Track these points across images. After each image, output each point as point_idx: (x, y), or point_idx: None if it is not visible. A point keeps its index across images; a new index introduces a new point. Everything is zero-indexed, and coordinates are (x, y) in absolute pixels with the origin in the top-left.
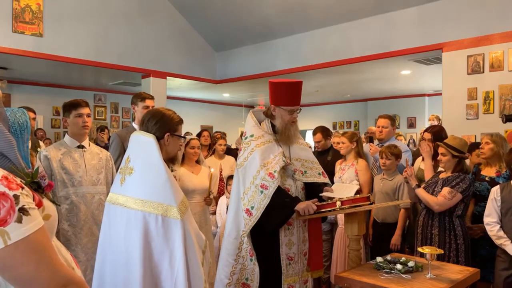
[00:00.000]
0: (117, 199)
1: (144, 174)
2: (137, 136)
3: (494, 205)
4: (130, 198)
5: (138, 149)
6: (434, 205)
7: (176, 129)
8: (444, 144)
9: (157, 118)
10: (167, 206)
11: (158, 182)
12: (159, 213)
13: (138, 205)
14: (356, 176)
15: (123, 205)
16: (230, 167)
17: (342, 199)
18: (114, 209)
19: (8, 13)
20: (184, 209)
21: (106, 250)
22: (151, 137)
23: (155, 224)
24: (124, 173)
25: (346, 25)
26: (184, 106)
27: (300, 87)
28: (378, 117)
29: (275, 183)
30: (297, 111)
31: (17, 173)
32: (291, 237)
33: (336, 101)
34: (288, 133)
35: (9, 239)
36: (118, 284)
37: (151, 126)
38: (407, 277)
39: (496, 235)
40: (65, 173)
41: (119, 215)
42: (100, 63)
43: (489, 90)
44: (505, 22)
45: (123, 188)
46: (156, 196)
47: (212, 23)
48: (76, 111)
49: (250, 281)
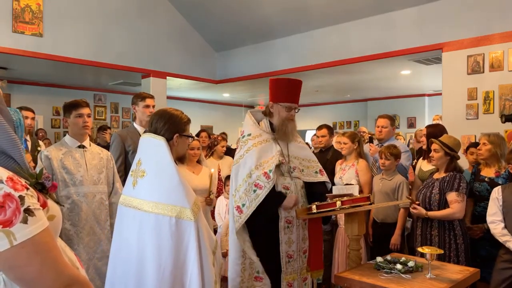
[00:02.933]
0: (130, 201)
1: (157, 176)
2: (147, 139)
3: (496, 204)
4: (143, 201)
5: (149, 152)
6: (454, 215)
7: (184, 129)
8: (438, 141)
9: (165, 119)
10: (181, 208)
11: (171, 185)
12: (173, 215)
13: (152, 207)
14: (357, 177)
15: (137, 207)
16: (228, 167)
17: (342, 199)
18: (127, 212)
19: (8, 13)
20: (197, 210)
21: (119, 252)
22: (161, 140)
23: (169, 226)
24: (136, 176)
25: (346, 25)
26: (184, 106)
27: (300, 86)
28: (377, 117)
29: (270, 184)
30: (295, 109)
31: (21, 174)
32: (290, 235)
33: (336, 101)
34: (285, 129)
35: (14, 240)
36: (129, 286)
37: (160, 127)
38: (407, 277)
39: (501, 233)
40: (66, 172)
41: (132, 218)
42: (100, 63)
43: (489, 90)
44: (505, 22)
45: (135, 191)
46: (169, 199)
47: (212, 23)
48: (77, 111)
49: (262, 273)
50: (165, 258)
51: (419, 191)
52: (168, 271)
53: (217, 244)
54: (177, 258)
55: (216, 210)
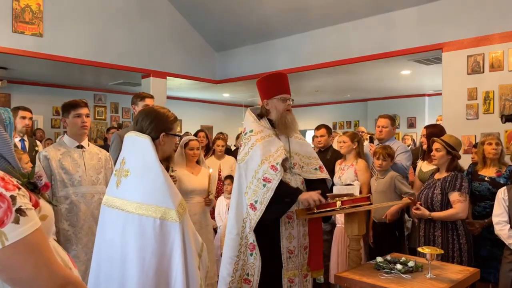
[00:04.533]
0: (113, 201)
1: (141, 176)
2: (132, 137)
3: (503, 205)
4: (126, 201)
5: (133, 151)
6: (457, 215)
7: (171, 128)
8: (441, 140)
9: (151, 117)
10: (165, 209)
11: (155, 185)
12: (157, 217)
13: (135, 208)
14: (356, 176)
15: (120, 208)
16: (229, 167)
17: (342, 199)
18: (110, 212)
19: (8, 13)
20: (182, 211)
21: (101, 253)
22: (146, 138)
23: (153, 227)
24: (119, 176)
25: (346, 25)
26: (184, 106)
27: (286, 78)
28: (378, 117)
29: (278, 176)
30: (290, 100)
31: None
32: (291, 231)
33: (336, 101)
34: (284, 120)
35: (6, 240)
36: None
37: (146, 125)
38: (407, 277)
39: (507, 234)
40: (65, 173)
41: (115, 218)
42: (100, 63)
43: (489, 90)
44: (505, 22)
45: (119, 190)
46: (153, 199)
47: (212, 23)
48: (75, 111)
49: (251, 276)
50: (148, 260)
51: (421, 192)
52: (151, 273)
53: (203, 247)
54: (161, 261)
55: (216, 211)
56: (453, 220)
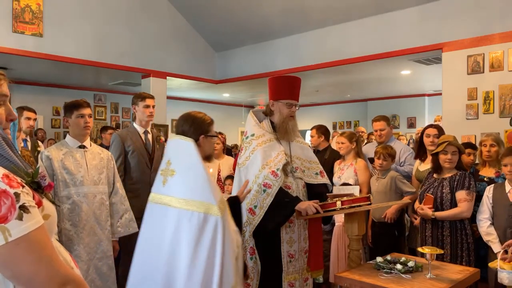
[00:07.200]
0: (161, 198)
1: (186, 175)
2: (176, 140)
3: (487, 202)
4: (173, 198)
5: (178, 152)
6: (462, 214)
7: (209, 130)
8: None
9: (189, 122)
10: (208, 204)
11: (199, 182)
12: (201, 211)
13: (181, 204)
14: (355, 176)
15: (167, 204)
16: (229, 167)
17: (342, 199)
18: (158, 208)
19: (8, 13)
20: (223, 207)
21: (147, 247)
22: (190, 141)
23: (197, 221)
24: (165, 175)
25: (345, 25)
26: (184, 106)
27: (299, 84)
28: (372, 121)
29: (279, 182)
30: (296, 106)
31: (17, 173)
32: (292, 235)
33: (336, 101)
34: (286, 126)
35: (9, 236)
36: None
37: (187, 130)
38: (407, 277)
39: (486, 231)
40: (67, 173)
41: (162, 214)
42: (100, 63)
43: (489, 90)
44: (505, 22)
45: (165, 188)
46: (197, 195)
47: (212, 23)
48: (78, 111)
49: (250, 279)
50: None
51: (424, 191)
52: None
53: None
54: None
55: None
56: (457, 219)
